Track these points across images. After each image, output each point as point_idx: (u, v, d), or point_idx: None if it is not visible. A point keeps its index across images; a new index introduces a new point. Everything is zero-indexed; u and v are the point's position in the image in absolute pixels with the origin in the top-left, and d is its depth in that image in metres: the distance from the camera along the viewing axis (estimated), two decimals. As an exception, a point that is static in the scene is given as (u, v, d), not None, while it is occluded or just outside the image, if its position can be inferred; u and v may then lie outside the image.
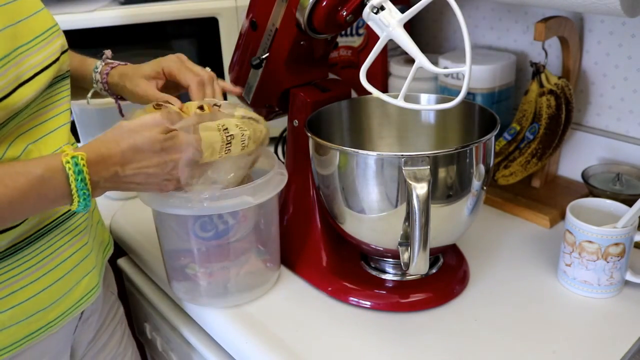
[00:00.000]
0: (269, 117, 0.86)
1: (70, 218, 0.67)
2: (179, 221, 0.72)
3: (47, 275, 0.64)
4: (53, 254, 0.65)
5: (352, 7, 0.67)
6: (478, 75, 0.97)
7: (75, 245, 0.68)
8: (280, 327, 0.71)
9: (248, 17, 0.79)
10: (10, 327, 0.62)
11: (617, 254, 0.71)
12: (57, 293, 0.65)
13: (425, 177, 0.61)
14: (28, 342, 0.64)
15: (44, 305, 0.64)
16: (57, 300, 0.66)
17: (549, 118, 0.90)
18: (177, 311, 0.85)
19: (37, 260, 0.63)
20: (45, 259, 0.64)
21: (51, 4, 1.16)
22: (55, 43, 0.64)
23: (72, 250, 0.67)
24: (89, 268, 0.70)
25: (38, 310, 0.64)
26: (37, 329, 0.64)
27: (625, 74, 0.92)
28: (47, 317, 0.65)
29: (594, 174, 0.91)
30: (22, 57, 0.59)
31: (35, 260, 0.63)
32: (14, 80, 0.57)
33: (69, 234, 0.67)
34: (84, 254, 0.69)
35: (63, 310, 0.66)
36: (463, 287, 0.76)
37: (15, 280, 0.62)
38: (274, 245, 0.78)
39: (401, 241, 0.68)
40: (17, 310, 0.62)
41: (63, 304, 0.66)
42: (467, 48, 0.57)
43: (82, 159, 0.55)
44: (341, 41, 1.14)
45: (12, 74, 0.57)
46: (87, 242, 0.70)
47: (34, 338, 0.64)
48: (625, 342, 0.66)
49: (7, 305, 0.61)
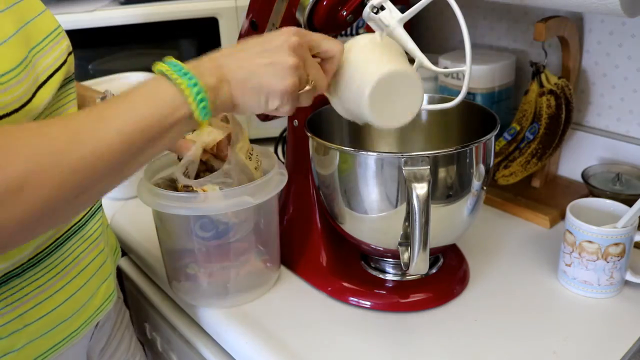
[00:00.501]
0: (269, 117, 0.86)
1: (86, 224, 0.65)
2: (180, 221, 0.72)
3: (69, 283, 0.62)
4: (73, 262, 0.63)
5: (352, 7, 0.67)
6: (478, 75, 0.97)
7: (93, 252, 0.66)
8: (280, 327, 0.71)
9: (248, 17, 0.79)
10: (36, 339, 0.60)
11: (617, 254, 0.71)
12: (80, 302, 0.64)
13: (425, 177, 0.61)
14: (53, 354, 0.62)
15: (68, 315, 0.62)
16: (79, 309, 0.64)
17: (549, 118, 0.90)
18: (177, 311, 0.85)
19: (60, 269, 0.61)
20: (66, 267, 0.62)
21: (51, 4, 1.16)
22: (62, 44, 0.62)
23: (91, 257, 0.65)
24: (106, 274, 0.69)
25: (63, 321, 0.62)
26: (62, 339, 0.62)
27: (625, 74, 0.92)
28: (71, 327, 0.63)
29: (594, 174, 0.91)
30: (36, 58, 0.57)
31: (58, 269, 0.61)
32: (32, 83, 0.55)
33: (86, 240, 0.65)
34: (101, 261, 0.67)
35: (85, 318, 0.65)
36: (463, 287, 0.76)
37: (41, 291, 0.59)
38: (274, 245, 0.79)
39: (401, 241, 0.68)
40: (43, 321, 0.60)
41: (85, 312, 0.65)
42: (467, 48, 0.57)
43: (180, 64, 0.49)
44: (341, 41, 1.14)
45: (32, 78, 0.55)
46: (103, 248, 0.68)
47: (59, 349, 0.62)
48: (625, 342, 0.66)
49: (34, 317, 0.59)
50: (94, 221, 0.66)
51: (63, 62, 0.61)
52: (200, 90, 0.48)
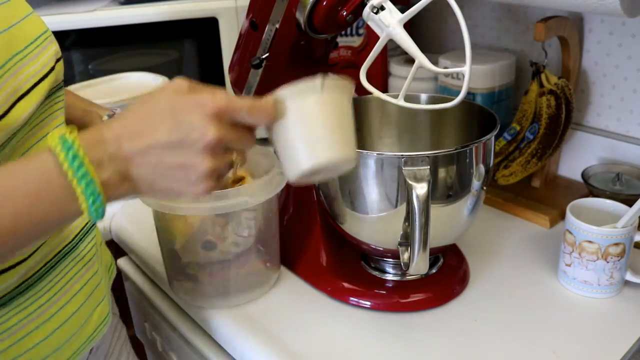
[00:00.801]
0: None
1: (78, 245, 0.61)
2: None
3: (60, 311, 0.58)
4: (65, 286, 0.59)
5: (352, 7, 0.67)
6: (478, 75, 0.97)
7: (86, 275, 0.62)
8: (280, 327, 0.71)
9: (248, 17, 0.79)
10: None
11: (617, 254, 0.71)
12: (72, 329, 0.60)
13: (425, 177, 0.61)
14: None
15: (58, 345, 0.59)
16: (71, 337, 0.60)
17: (549, 118, 0.90)
18: (177, 311, 0.85)
19: (50, 296, 0.57)
20: (57, 293, 0.58)
21: (51, 4, 1.16)
22: (50, 50, 0.58)
23: (84, 280, 0.62)
24: (101, 297, 0.65)
25: (53, 351, 0.58)
26: None
27: (625, 74, 0.92)
28: (62, 357, 0.60)
29: (594, 174, 0.91)
30: (18, 66, 0.52)
31: (48, 297, 0.57)
32: (12, 93, 0.50)
33: (79, 262, 0.61)
34: (95, 284, 0.64)
35: (77, 347, 0.62)
36: (463, 287, 0.76)
37: (29, 321, 0.56)
38: (274, 245, 0.78)
39: (401, 241, 0.68)
40: (31, 353, 0.56)
41: (77, 340, 0.61)
42: (467, 48, 0.57)
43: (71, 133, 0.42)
44: (341, 41, 1.14)
45: (10, 87, 0.50)
46: (97, 270, 0.65)
47: None
48: (625, 342, 0.66)
49: (21, 349, 0.56)
50: (87, 241, 0.62)
51: (50, 69, 0.57)
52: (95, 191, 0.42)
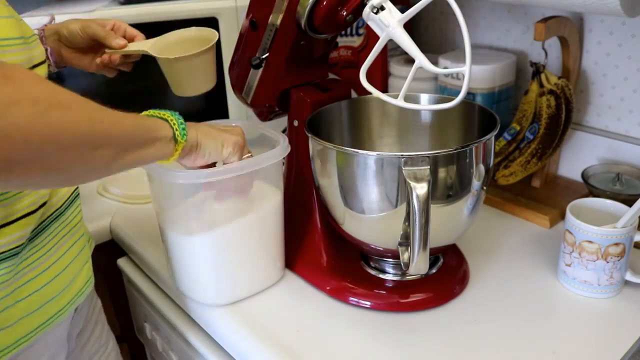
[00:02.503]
0: (269, 117, 0.86)
1: (66, 211, 0.69)
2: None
3: (56, 263, 0.67)
4: (57, 244, 0.67)
5: (352, 7, 0.67)
6: (478, 75, 0.97)
7: (74, 237, 0.71)
8: (281, 327, 0.71)
9: (248, 17, 0.79)
10: (28, 315, 0.64)
11: (617, 254, 0.71)
12: (65, 281, 0.68)
13: (425, 177, 0.61)
14: (43, 331, 0.66)
15: (55, 293, 0.67)
16: (65, 288, 0.68)
17: (549, 118, 0.90)
18: (177, 311, 0.85)
19: (47, 250, 0.66)
20: (52, 248, 0.66)
21: (51, 4, 1.16)
22: (41, 47, 0.67)
23: (72, 241, 0.70)
24: (86, 259, 0.73)
25: (51, 298, 0.66)
26: (50, 317, 0.66)
27: (625, 74, 0.92)
28: (58, 305, 0.67)
29: (594, 174, 0.92)
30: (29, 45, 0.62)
31: (45, 250, 0.65)
32: (28, 60, 0.61)
33: (67, 225, 0.69)
34: (81, 245, 0.72)
35: (70, 298, 0.69)
36: (463, 287, 0.76)
37: (31, 269, 0.64)
38: (277, 244, 0.78)
39: (401, 241, 0.68)
40: (33, 298, 0.64)
41: (69, 292, 0.69)
42: (467, 48, 0.57)
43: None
44: (341, 41, 1.14)
45: (27, 54, 0.61)
46: (82, 234, 0.73)
47: (48, 326, 0.66)
48: (625, 342, 0.66)
49: (25, 294, 0.63)
50: (72, 208, 0.71)
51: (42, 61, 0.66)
52: (182, 120, 0.61)
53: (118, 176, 1.07)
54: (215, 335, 0.75)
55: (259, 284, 0.77)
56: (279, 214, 0.77)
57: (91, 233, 0.84)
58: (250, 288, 0.77)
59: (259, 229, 0.75)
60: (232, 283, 0.75)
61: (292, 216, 0.82)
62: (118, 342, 0.90)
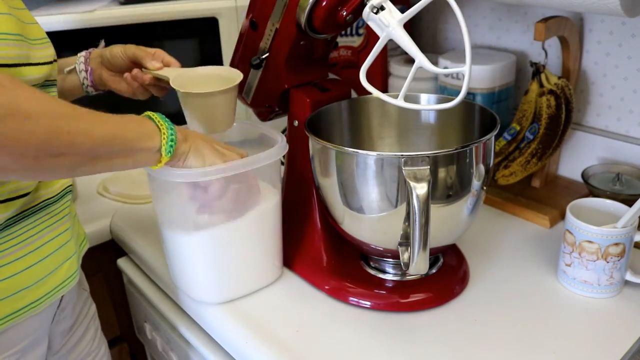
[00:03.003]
0: (269, 117, 0.86)
1: (53, 203, 0.70)
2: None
3: (32, 253, 0.67)
4: (38, 234, 0.68)
5: (352, 7, 0.67)
6: (478, 75, 0.97)
7: (58, 229, 0.71)
8: (281, 327, 0.71)
9: (248, 17, 0.79)
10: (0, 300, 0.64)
11: (617, 254, 0.71)
12: (41, 272, 0.68)
13: (425, 177, 0.61)
14: (12, 321, 0.65)
15: (29, 283, 0.66)
16: (41, 279, 0.68)
17: (549, 118, 0.90)
18: (177, 311, 0.85)
19: (24, 239, 0.66)
20: (30, 238, 0.67)
21: (51, 4, 1.16)
22: (50, 49, 0.68)
23: (55, 233, 0.70)
24: (69, 254, 0.73)
25: (23, 288, 0.66)
26: (21, 307, 0.66)
27: (625, 74, 0.92)
28: (31, 296, 0.67)
29: (594, 174, 0.92)
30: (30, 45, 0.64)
31: (22, 238, 0.66)
32: (25, 56, 0.62)
33: (53, 217, 0.70)
34: (65, 239, 0.72)
35: (46, 291, 0.69)
36: (463, 287, 0.76)
37: (3, 256, 0.64)
38: (275, 243, 0.78)
39: (401, 241, 0.68)
40: (3, 285, 0.64)
41: (46, 284, 0.68)
42: (467, 48, 0.57)
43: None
44: (341, 41, 1.14)
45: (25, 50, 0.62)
46: (68, 227, 0.73)
47: (18, 316, 0.66)
48: (625, 342, 0.66)
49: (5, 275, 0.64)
50: (62, 202, 0.71)
51: (50, 61, 0.67)
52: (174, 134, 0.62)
53: (118, 176, 1.08)
54: (215, 334, 0.75)
55: (257, 282, 0.77)
56: (277, 213, 0.77)
57: (87, 233, 0.84)
58: (249, 286, 0.77)
59: (256, 228, 0.75)
60: (230, 281, 0.75)
61: (292, 216, 0.82)
62: (118, 342, 0.90)
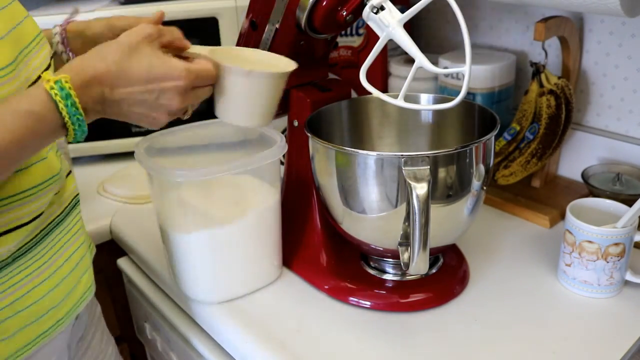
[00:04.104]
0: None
1: (66, 218, 0.68)
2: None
3: (56, 272, 0.65)
4: (58, 252, 0.66)
5: (352, 7, 0.67)
6: (478, 75, 0.97)
7: (75, 244, 0.69)
8: (281, 327, 0.71)
9: (248, 17, 0.79)
10: (27, 326, 0.63)
11: (617, 254, 0.71)
12: (65, 290, 0.67)
13: (425, 177, 0.61)
14: (42, 341, 0.65)
15: (55, 303, 0.65)
16: (65, 297, 0.67)
17: (549, 118, 0.90)
18: (177, 311, 0.85)
19: (47, 259, 0.64)
20: (52, 257, 0.65)
21: (51, 4, 1.16)
22: (45, 49, 0.65)
23: (73, 248, 0.69)
24: (87, 266, 0.72)
25: (51, 308, 0.65)
26: (50, 326, 0.65)
27: (625, 74, 0.92)
28: (58, 314, 0.66)
29: (594, 174, 0.92)
30: (27, 58, 0.60)
31: (45, 259, 0.64)
32: (25, 81, 0.58)
33: (68, 232, 0.68)
34: (82, 253, 0.71)
35: (70, 306, 0.68)
36: (463, 287, 0.76)
37: (31, 279, 0.62)
38: (274, 243, 0.78)
39: (401, 241, 0.68)
40: (33, 308, 0.63)
41: (70, 300, 0.68)
42: (467, 48, 0.57)
43: (66, 82, 0.52)
44: (341, 41, 1.14)
45: (23, 76, 0.58)
46: (83, 241, 0.72)
47: (48, 336, 0.65)
48: (625, 342, 0.66)
49: (25, 304, 0.62)
50: (72, 215, 0.70)
51: (48, 65, 0.64)
52: (82, 123, 0.53)
53: (118, 176, 1.08)
54: (215, 335, 0.75)
55: (257, 282, 0.77)
56: (276, 213, 0.77)
57: (91, 237, 0.83)
58: (248, 286, 0.77)
59: (256, 227, 0.75)
60: (230, 281, 0.75)
61: (292, 216, 0.82)
62: (118, 343, 0.90)
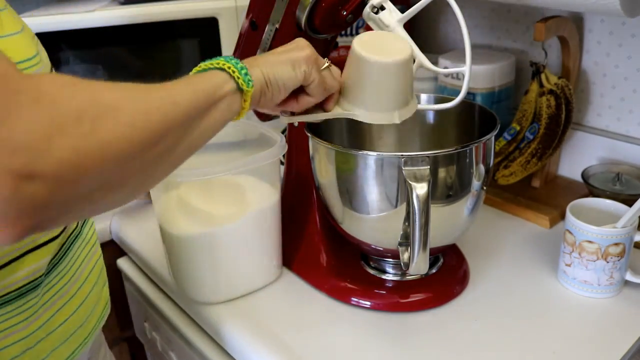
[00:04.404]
0: (269, 116, 0.86)
1: (82, 230, 0.66)
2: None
3: (82, 288, 0.64)
4: (80, 266, 0.64)
5: (352, 7, 0.67)
6: (478, 75, 0.97)
7: (95, 257, 0.68)
8: (281, 327, 0.71)
9: (248, 17, 0.79)
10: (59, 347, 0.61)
11: (617, 254, 0.71)
12: (91, 305, 0.65)
13: (425, 177, 0.61)
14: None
15: (83, 319, 0.64)
16: (91, 312, 0.65)
17: (549, 118, 0.90)
18: (177, 311, 0.85)
19: (72, 274, 0.62)
20: (76, 272, 0.63)
21: (51, 4, 1.16)
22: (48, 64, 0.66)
23: (93, 261, 0.68)
24: (105, 278, 0.72)
25: (80, 325, 0.63)
26: (79, 344, 0.64)
27: (625, 74, 0.92)
28: (86, 331, 0.64)
29: (594, 174, 0.91)
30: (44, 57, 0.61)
31: (70, 274, 0.62)
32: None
33: (87, 245, 0.66)
34: (101, 265, 0.70)
35: (93, 323, 0.66)
36: (463, 287, 0.76)
37: (59, 297, 0.60)
38: (274, 243, 0.78)
39: (401, 241, 0.68)
40: (64, 327, 0.61)
41: (94, 316, 0.66)
42: (467, 48, 0.57)
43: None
44: (341, 41, 1.14)
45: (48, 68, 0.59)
46: (101, 254, 0.71)
47: (76, 355, 0.63)
48: (625, 342, 0.66)
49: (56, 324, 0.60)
50: (88, 226, 0.68)
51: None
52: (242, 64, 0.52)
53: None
54: (215, 335, 0.75)
55: (257, 282, 0.77)
56: (276, 213, 0.77)
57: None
58: (248, 286, 0.77)
59: (256, 227, 0.75)
60: (230, 281, 0.75)
61: (292, 216, 0.82)
62: (118, 342, 0.90)
